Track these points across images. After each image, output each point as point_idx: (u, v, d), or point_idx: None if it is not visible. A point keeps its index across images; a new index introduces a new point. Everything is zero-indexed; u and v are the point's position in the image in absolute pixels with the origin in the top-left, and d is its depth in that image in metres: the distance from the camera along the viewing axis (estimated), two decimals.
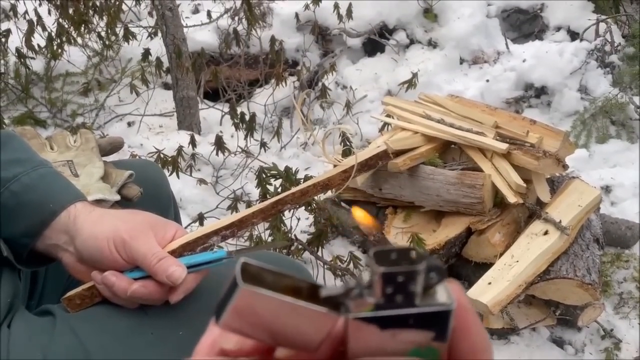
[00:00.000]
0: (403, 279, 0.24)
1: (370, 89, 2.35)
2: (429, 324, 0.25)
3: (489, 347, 0.28)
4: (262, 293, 0.25)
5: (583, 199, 1.41)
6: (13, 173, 0.65)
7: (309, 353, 0.27)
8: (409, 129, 1.54)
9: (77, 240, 0.64)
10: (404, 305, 0.25)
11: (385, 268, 0.24)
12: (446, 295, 0.25)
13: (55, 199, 0.66)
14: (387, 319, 0.25)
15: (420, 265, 0.24)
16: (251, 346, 0.28)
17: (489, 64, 2.38)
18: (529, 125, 1.50)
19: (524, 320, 1.34)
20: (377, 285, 0.25)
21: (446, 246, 1.39)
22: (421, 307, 0.25)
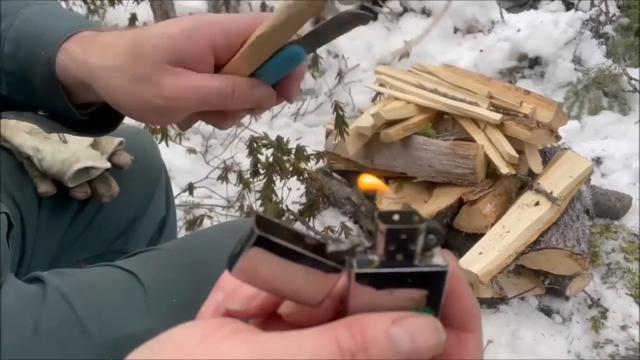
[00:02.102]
0: (405, 237, 0.26)
1: (362, 58, 2.32)
2: (426, 284, 0.26)
3: (478, 313, 0.29)
4: (275, 240, 0.26)
5: (574, 170, 1.41)
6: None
7: (311, 309, 0.27)
8: (402, 98, 1.52)
9: (101, 87, 0.51)
10: (404, 264, 0.26)
11: (389, 225, 0.25)
12: (442, 259, 0.27)
13: (45, 41, 0.52)
14: (388, 276, 0.26)
15: (421, 225, 0.26)
16: (256, 307, 0.28)
17: (483, 34, 2.35)
18: (523, 95, 1.49)
19: (513, 290, 1.36)
20: (380, 242, 0.26)
21: (438, 217, 1.39)
22: (420, 267, 0.26)
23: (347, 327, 0.25)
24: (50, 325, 0.57)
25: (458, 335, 0.28)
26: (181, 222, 1.58)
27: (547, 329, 1.33)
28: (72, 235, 0.84)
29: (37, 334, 0.56)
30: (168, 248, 0.70)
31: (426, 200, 1.45)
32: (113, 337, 0.57)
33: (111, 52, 0.50)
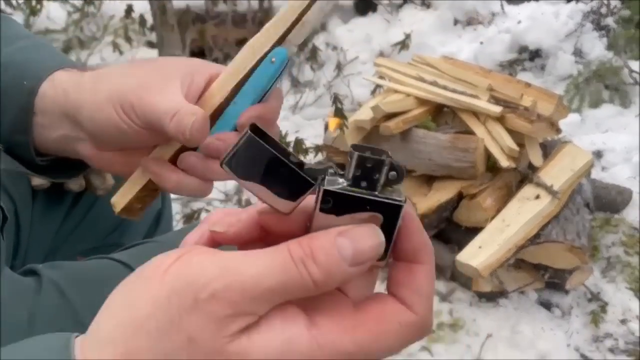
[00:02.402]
0: (371, 166, 0.29)
1: (361, 50, 2.30)
2: (382, 214, 0.30)
3: (429, 247, 0.31)
4: (263, 144, 0.30)
5: (575, 163, 1.40)
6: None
7: (283, 217, 0.31)
8: (402, 91, 1.51)
9: (82, 118, 0.49)
10: (367, 192, 0.29)
11: (359, 152, 0.29)
12: (400, 196, 0.30)
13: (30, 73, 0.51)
14: (350, 199, 0.29)
15: (387, 159, 0.29)
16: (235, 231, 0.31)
17: (484, 26, 2.33)
18: (524, 88, 1.47)
19: (513, 284, 1.35)
20: (349, 167, 0.29)
21: (437, 210, 1.38)
22: (380, 197, 0.29)
23: (298, 241, 0.29)
24: (45, 317, 0.56)
25: (409, 266, 0.31)
26: (179, 215, 1.57)
27: (546, 322, 1.32)
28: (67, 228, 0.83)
29: (32, 327, 0.55)
30: (164, 240, 0.69)
31: (426, 194, 1.44)
32: None
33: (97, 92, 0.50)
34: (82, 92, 0.50)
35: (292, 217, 0.31)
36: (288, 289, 0.28)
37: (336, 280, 0.29)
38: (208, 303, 0.27)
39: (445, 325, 1.33)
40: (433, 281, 0.31)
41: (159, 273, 0.29)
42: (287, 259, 0.28)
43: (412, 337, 0.30)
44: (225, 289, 0.27)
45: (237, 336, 0.28)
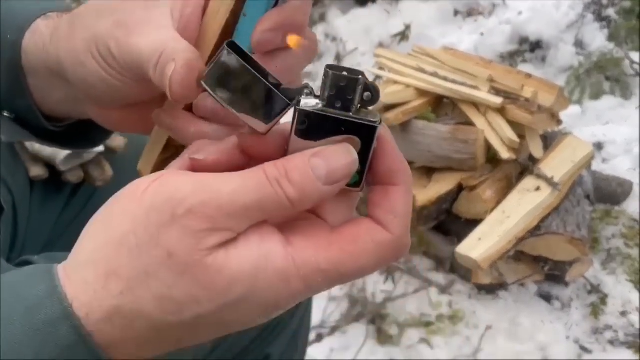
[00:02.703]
0: (345, 85, 0.29)
1: (361, 41, 2.28)
2: (358, 135, 0.30)
3: (405, 170, 0.32)
4: (240, 60, 0.30)
5: (576, 155, 1.39)
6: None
7: (262, 140, 0.31)
8: (402, 82, 1.50)
9: (66, 74, 0.41)
10: (342, 113, 0.29)
11: (334, 71, 0.29)
12: (375, 118, 0.30)
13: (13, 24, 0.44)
14: (325, 120, 0.29)
15: (360, 77, 0.29)
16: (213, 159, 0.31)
17: (484, 17, 2.32)
18: (524, 79, 1.46)
19: (513, 276, 1.35)
20: (324, 86, 0.29)
21: (437, 202, 1.38)
22: (354, 118, 0.29)
23: (273, 163, 0.29)
24: None
25: (385, 188, 0.32)
26: None
27: (546, 315, 1.32)
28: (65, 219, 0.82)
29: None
30: None
31: (425, 186, 1.44)
32: None
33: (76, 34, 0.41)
34: (59, 41, 0.41)
35: (270, 141, 0.31)
36: (264, 206, 0.29)
37: (311, 199, 0.29)
38: (185, 218, 0.28)
39: (444, 317, 1.33)
40: (409, 202, 0.32)
41: (137, 194, 0.30)
42: (263, 178, 0.29)
43: (387, 256, 0.31)
44: (201, 205, 0.28)
45: (214, 250, 0.28)
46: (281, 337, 0.72)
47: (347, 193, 0.32)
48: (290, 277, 0.29)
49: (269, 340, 0.71)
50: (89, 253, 0.31)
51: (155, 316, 0.29)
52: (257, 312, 0.30)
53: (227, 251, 0.28)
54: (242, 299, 0.29)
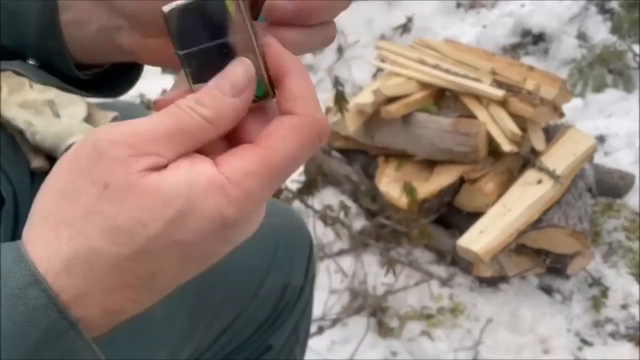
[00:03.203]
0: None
1: (362, 34, 2.27)
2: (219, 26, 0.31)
3: (292, 59, 0.32)
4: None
5: (578, 147, 1.39)
6: None
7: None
8: (404, 74, 1.49)
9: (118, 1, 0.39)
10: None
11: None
12: None
13: None
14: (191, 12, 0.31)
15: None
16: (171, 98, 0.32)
17: (486, 9, 2.30)
18: (527, 71, 1.46)
19: (514, 269, 1.35)
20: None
21: (438, 195, 1.38)
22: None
23: (185, 98, 0.31)
24: None
25: (281, 83, 0.33)
26: None
27: (547, 307, 1.32)
28: None
29: None
30: None
31: (427, 179, 1.44)
32: None
33: None
34: None
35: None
36: (183, 129, 0.30)
37: (227, 114, 0.31)
38: (110, 150, 0.30)
39: (445, 310, 1.33)
40: (306, 83, 0.32)
41: (69, 153, 0.32)
42: (175, 108, 0.31)
43: (307, 136, 0.32)
44: (122, 135, 0.30)
45: (147, 173, 0.30)
46: (282, 329, 0.72)
47: (263, 109, 0.33)
48: (223, 185, 0.30)
49: (271, 331, 0.71)
50: (38, 214, 0.32)
51: (109, 250, 0.30)
52: (208, 230, 0.30)
53: (160, 173, 0.30)
54: (185, 213, 0.30)
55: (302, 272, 0.73)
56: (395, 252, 1.43)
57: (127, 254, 0.30)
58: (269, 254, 0.70)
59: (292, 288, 0.71)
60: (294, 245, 0.73)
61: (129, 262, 0.30)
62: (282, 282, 0.70)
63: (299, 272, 0.73)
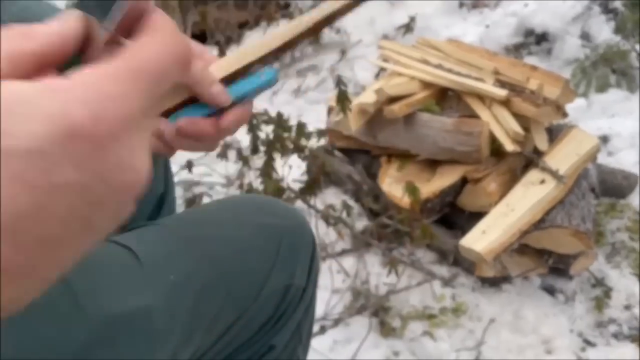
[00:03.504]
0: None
1: (365, 33, 2.27)
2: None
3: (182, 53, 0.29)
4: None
5: (581, 147, 1.39)
6: None
7: None
8: (406, 74, 1.49)
9: None
10: None
11: None
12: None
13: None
14: None
15: None
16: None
17: (490, 9, 2.30)
18: (530, 71, 1.45)
19: (516, 269, 1.34)
20: None
21: (441, 195, 1.38)
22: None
23: None
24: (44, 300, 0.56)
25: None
26: (180, 200, 1.56)
27: (550, 308, 1.32)
28: None
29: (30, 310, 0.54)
30: (166, 223, 0.69)
31: (429, 179, 1.43)
32: (108, 314, 0.55)
33: None
34: None
35: None
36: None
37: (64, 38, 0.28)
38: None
39: (447, 310, 1.33)
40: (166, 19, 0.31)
41: None
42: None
43: (168, 40, 0.29)
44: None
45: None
46: (285, 329, 0.72)
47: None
48: (65, 86, 0.24)
49: (273, 331, 0.71)
50: None
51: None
52: (50, 135, 0.23)
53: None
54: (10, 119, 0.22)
55: (305, 272, 0.73)
56: (397, 252, 1.43)
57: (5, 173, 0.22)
58: (272, 253, 0.70)
59: (294, 288, 0.71)
60: (296, 245, 0.73)
61: (19, 190, 0.22)
62: (285, 282, 0.70)
63: (301, 272, 0.72)
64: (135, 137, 0.26)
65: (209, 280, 0.63)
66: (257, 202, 0.77)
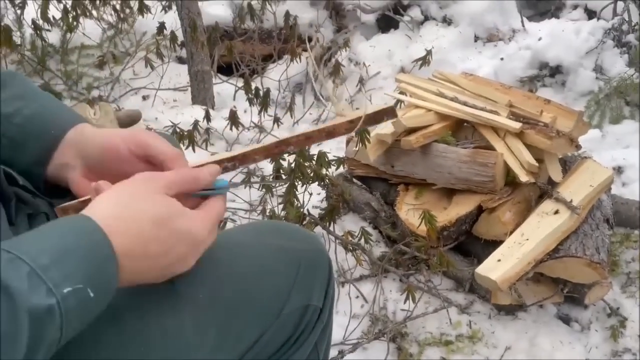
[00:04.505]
0: None
1: (383, 66, 2.34)
2: None
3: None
4: None
5: (595, 178, 1.41)
6: (15, 107, 0.68)
7: None
8: (422, 106, 1.54)
9: (87, 148, 0.66)
10: None
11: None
12: None
13: (59, 123, 0.68)
14: None
15: None
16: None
17: (504, 42, 2.36)
18: (543, 104, 1.49)
19: (532, 297, 1.36)
20: None
21: (457, 223, 1.41)
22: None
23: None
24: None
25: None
26: None
27: (565, 336, 1.33)
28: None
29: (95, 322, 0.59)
30: None
31: (445, 207, 1.47)
32: (143, 327, 0.60)
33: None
34: (96, 133, 0.68)
35: None
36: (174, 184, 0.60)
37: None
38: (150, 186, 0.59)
39: (464, 337, 1.35)
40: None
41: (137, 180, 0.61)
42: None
43: (216, 212, 0.62)
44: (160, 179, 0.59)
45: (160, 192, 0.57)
46: (303, 348, 0.76)
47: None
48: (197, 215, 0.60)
49: (292, 350, 0.75)
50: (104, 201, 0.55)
51: (144, 228, 0.53)
52: (186, 229, 0.57)
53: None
54: (178, 218, 0.57)
55: (322, 293, 0.77)
56: (414, 279, 1.46)
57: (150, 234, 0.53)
58: (292, 275, 0.75)
59: (312, 308, 0.75)
60: (314, 268, 0.77)
61: (152, 238, 0.53)
62: (303, 302, 0.74)
63: (319, 293, 0.77)
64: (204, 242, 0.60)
65: (235, 299, 0.68)
66: (278, 228, 0.82)
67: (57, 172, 0.67)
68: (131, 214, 0.53)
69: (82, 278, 0.46)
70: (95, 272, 0.48)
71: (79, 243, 0.48)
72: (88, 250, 0.48)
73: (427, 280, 1.45)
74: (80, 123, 0.69)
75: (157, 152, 0.64)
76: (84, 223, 0.50)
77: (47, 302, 0.43)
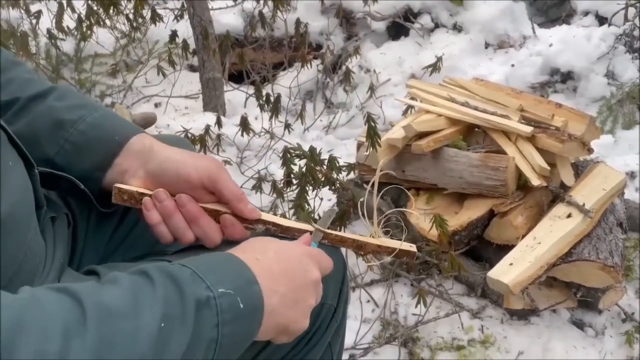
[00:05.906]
0: None
1: (394, 73, 2.35)
2: None
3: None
4: None
5: (607, 182, 1.40)
6: (78, 115, 0.71)
7: None
8: (433, 111, 1.55)
9: (152, 163, 0.71)
10: None
11: None
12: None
13: (121, 131, 0.73)
14: None
15: None
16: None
17: (515, 49, 2.36)
18: (555, 108, 1.49)
19: (545, 302, 1.35)
20: None
21: (468, 228, 1.41)
22: None
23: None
24: None
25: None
26: None
27: (579, 341, 1.32)
28: (118, 237, 0.89)
29: None
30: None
31: (457, 212, 1.47)
32: None
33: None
34: (163, 149, 0.73)
35: None
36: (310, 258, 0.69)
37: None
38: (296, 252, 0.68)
39: (476, 341, 1.34)
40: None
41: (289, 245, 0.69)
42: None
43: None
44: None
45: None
46: (318, 346, 0.76)
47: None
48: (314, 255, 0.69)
49: (307, 348, 0.76)
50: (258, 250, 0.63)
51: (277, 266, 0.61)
52: (309, 273, 0.66)
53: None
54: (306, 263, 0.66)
55: (336, 292, 0.78)
56: (426, 283, 1.45)
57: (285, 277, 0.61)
58: None
59: (327, 307, 0.76)
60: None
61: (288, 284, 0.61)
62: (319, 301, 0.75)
63: (333, 292, 0.78)
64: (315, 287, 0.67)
65: None
66: None
67: (116, 177, 0.71)
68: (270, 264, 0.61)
69: (232, 286, 0.53)
70: (243, 284, 0.55)
71: (227, 263, 0.58)
72: (235, 269, 0.57)
73: (439, 285, 1.44)
74: (141, 133, 0.74)
75: (227, 191, 0.71)
76: (229, 255, 0.60)
77: (207, 294, 0.51)
